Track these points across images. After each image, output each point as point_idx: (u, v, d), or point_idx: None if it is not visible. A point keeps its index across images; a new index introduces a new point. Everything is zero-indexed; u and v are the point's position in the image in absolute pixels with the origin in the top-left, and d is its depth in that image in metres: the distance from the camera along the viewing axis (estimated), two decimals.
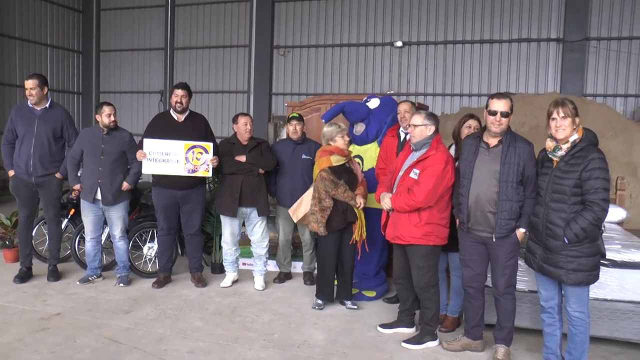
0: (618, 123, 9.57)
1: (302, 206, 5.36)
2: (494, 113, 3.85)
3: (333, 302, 5.23)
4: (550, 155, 3.65)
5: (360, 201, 4.98)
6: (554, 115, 3.57)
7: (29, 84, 5.56)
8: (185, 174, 5.45)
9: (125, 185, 5.58)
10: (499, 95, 3.94)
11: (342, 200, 4.95)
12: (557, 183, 3.57)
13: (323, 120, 5.54)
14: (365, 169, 5.52)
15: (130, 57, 15.22)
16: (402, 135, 5.27)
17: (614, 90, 11.20)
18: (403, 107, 5.24)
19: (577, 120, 3.56)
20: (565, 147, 3.57)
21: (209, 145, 5.51)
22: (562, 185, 3.55)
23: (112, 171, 5.50)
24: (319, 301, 5.18)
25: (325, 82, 13.22)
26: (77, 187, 5.70)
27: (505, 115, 3.84)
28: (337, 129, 5.08)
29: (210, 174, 5.58)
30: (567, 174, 3.53)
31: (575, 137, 3.55)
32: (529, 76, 11.72)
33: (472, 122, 4.59)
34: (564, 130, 3.54)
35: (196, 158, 5.46)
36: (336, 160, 5.03)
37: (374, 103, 5.65)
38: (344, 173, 5.06)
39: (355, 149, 5.55)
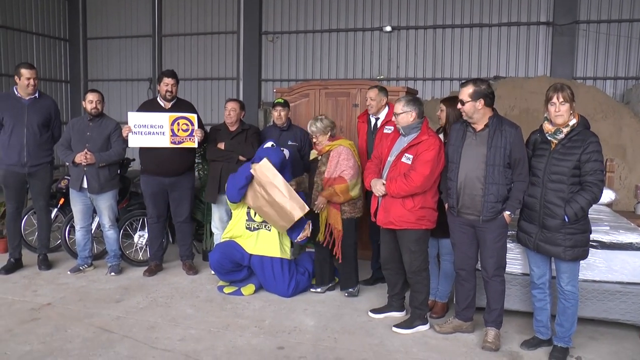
0: (607, 105, 9.59)
1: None
2: (460, 102, 3.95)
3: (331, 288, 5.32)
4: (550, 138, 3.73)
5: (315, 204, 4.96)
6: (554, 100, 3.64)
7: (31, 73, 5.46)
8: (171, 146, 5.40)
9: (89, 156, 5.35)
10: (462, 84, 3.98)
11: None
12: (556, 164, 3.68)
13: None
14: None
15: (117, 45, 15.03)
16: (373, 121, 5.26)
17: (604, 73, 11.20)
18: (369, 94, 5.21)
19: (573, 105, 3.64)
20: (565, 130, 3.66)
21: (194, 117, 5.46)
22: (561, 166, 3.66)
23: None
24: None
25: (315, 68, 13.13)
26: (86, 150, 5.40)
27: (463, 102, 3.87)
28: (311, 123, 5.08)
29: (196, 145, 5.50)
30: (566, 157, 3.64)
31: (574, 121, 3.67)
32: (519, 60, 11.68)
33: (441, 105, 4.59)
34: (562, 116, 3.63)
35: (182, 129, 5.41)
36: (312, 154, 5.27)
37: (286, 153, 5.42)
38: (315, 168, 5.14)
39: None
